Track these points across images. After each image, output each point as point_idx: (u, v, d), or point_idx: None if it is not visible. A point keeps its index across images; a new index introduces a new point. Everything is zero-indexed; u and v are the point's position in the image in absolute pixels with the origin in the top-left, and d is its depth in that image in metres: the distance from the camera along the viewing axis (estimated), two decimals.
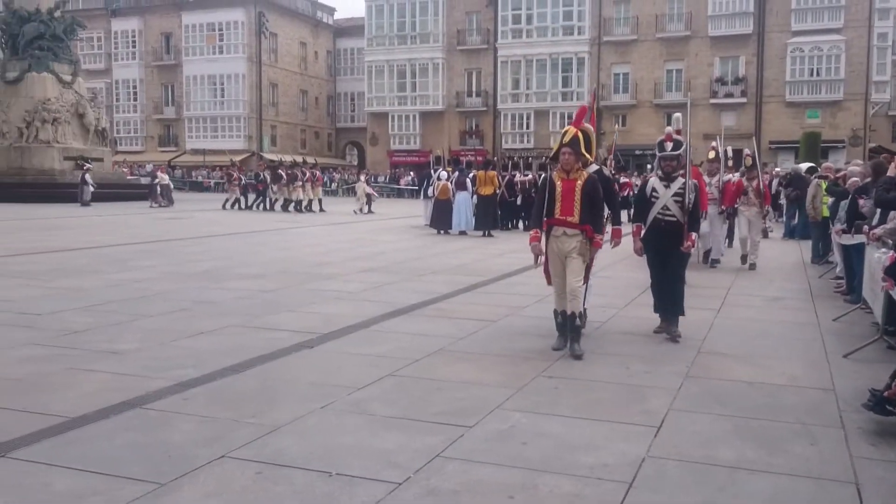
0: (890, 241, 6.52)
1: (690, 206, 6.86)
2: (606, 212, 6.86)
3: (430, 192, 21.06)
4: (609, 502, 3.46)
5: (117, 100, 57.67)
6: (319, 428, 4.42)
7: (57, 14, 34.94)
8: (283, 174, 27.98)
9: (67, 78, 34.55)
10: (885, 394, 4.46)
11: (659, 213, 6.93)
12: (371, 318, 7.66)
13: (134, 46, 57.53)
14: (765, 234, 12.44)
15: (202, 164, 53.59)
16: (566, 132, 6.44)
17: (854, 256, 8.98)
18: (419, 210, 22.99)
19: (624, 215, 7.92)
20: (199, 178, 52.20)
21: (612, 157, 18.91)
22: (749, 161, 13.15)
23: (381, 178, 48.82)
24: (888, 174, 6.43)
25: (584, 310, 6.57)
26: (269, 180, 28.83)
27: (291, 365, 5.87)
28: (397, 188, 47.50)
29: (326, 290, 9.51)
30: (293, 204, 27.67)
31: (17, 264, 11.55)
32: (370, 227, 21.28)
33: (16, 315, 7.60)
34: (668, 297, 7.04)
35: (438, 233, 18.90)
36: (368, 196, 28.49)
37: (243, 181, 29.04)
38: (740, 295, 9.79)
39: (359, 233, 19.03)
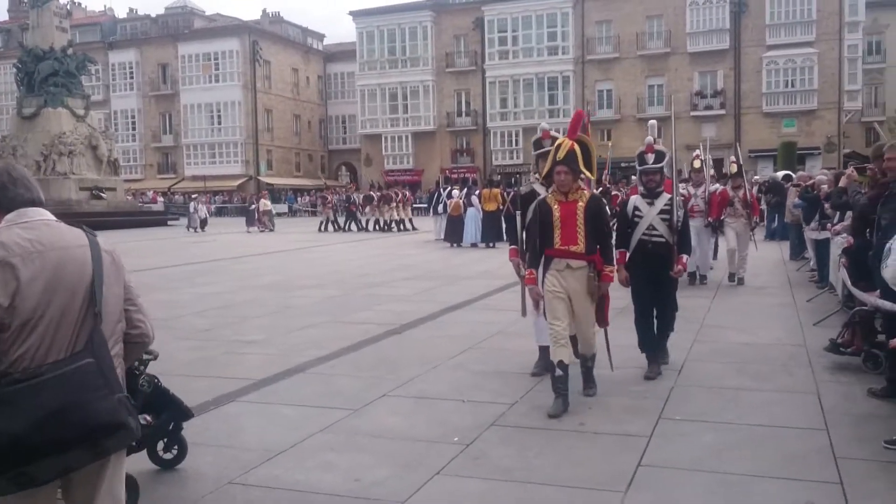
0: (845, 234, 8.33)
1: (679, 223, 6.11)
2: None
3: (439, 208, 22.96)
4: (656, 407, 5.26)
5: (116, 129, 59.09)
6: (440, 378, 6.18)
7: (69, 51, 36.69)
8: (375, 196, 29.80)
9: (81, 112, 36.31)
10: (839, 340, 6.30)
11: (644, 233, 6.11)
12: (434, 313, 9.44)
13: (131, 77, 59.24)
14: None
15: (202, 189, 55.21)
16: (559, 146, 5.32)
17: (822, 250, 10.85)
18: (428, 226, 24.83)
19: None
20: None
21: (607, 172, 20.71)
22: (734, 168, 12.65)
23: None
24: (839, 184, 8.21)
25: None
26: (359, 202, 30.80)
27: (392, 344, 7.64)
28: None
29: (383, 295, 11.25)
30: (385, 223, 28.82)
31: None
32: (388, 242, 23.02)
33: None
34: (660, 323, 6.40)
35: (451, 245, 20.67)
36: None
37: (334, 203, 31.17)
38: (730, 287, 11.60)
39: (380, 248, 20.77)
